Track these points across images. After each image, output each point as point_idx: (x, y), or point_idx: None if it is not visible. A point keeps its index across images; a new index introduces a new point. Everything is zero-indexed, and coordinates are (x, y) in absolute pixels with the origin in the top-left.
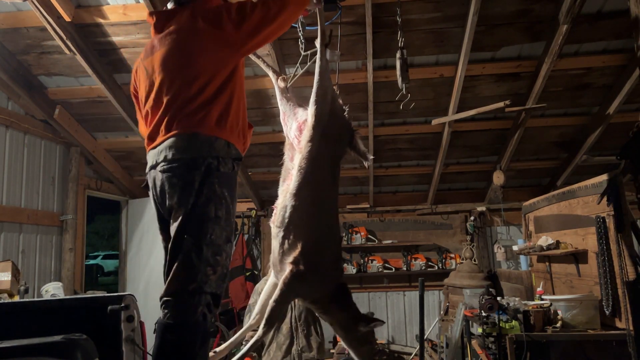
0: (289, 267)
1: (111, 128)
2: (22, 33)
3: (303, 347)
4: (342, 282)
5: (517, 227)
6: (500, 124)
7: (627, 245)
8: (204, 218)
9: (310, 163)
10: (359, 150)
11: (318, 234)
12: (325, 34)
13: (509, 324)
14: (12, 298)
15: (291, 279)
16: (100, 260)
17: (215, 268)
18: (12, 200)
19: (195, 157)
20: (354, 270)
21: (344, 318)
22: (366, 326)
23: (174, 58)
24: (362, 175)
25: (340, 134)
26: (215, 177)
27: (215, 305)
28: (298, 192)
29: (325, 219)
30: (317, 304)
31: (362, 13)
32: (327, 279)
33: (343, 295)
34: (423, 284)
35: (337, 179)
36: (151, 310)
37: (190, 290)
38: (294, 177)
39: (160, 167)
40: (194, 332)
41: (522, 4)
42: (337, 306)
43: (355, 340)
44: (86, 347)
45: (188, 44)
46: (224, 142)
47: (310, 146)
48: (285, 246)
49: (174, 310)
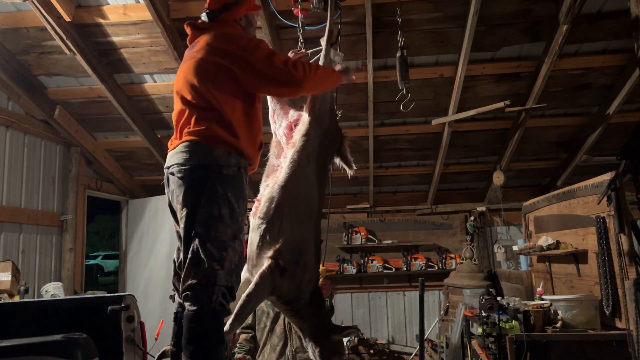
0: (267, 262)
1: (111, 128)
2: (22, 33)
3: (297, 347)
4: (318, 287)
5: (517, 227)
6: (500, 124)
7: (627, 246)
8: (207, 217)
9: (303, 157)
10: (346, 158)
11: (302, 231)
12: (332, 33)
13: (509, 324)
14: (13, 298)
15: (269, 273)
16: (100, 261)
17: (221, 263)
18: (12, 200)
19: (197, 163)
20: (354, 270)
21: (317, 325)
22: (339, 335)
23: (191, 75)
24: (362, 175)
25: (332, 137)
26: (216, 179)
27: (231, 296)
28: (287, 185)
29: (310, 218)
30: (290, 306)
31: (362, 13)
32: (306, 279)
33: (317, 301)
34: (423, 284)
35: (324, 180)
36: (151, 310)
37: (203, 284)
38: (284, 169)
39: (172, 169)
40: (213, 320)
41: (522, 4)
42: (310, 311)
43: (325, 349)
44: (86, 346)
45: (208, 65)
46: (222, 150)
47: (305, 141)
48: (266, 239)
49: (192, 300)
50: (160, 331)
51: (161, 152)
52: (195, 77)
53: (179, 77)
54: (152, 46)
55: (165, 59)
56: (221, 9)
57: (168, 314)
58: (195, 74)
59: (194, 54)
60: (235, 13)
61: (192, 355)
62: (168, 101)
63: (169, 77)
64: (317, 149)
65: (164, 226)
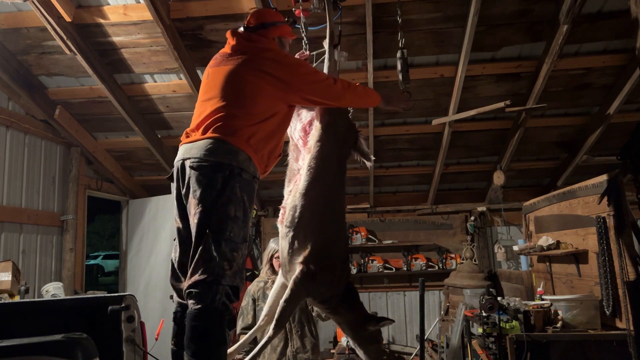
0: (299, 267)
1: (111, 128)
2: (23, 33)
3: (298, 348)
4: (350, 282)
5: (518, 227)
6: (500, 124)
7: (628, 246)
8: (224, 216)
9: (320, 163)
10: (363, 151)
11: (327, 233)
12: (334, 34)
13: (509, 324)
14: (13, 298)
15: (302, 279)
16: (100, 261)
17: (231, 263)
18: (12, 201)
19: (222, 161)
20: (354, 270)
21: (353, 318)
22: (375, 325)
23: (231, 80)
24: (362, 175)
25: (346, 135)
26: (237, 181)
27: (235, 296)
28: (307, 192)
29: (334, 219)
30: (326, 304)
31: (362, 13)
32: (337, 278)
33: (351, 295)
34: (423, 284)
35: (343, 179)
36: (151, 310)
37: (209, 281)
38: (303, 177)
39: (190, 162)
40: (216, 319)
41: (522, 4)
42: (345, 306)
43: (363, 340)
44: (86, 346)
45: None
46: (247, 156)
47: (320, 146)
48: (295, 246)
49: (196, 299)
50: (161, 331)
51: (161, 152)
52: (235, 80)
53: (215, 76)
54: (153, 46)
55: (165, 59)
56: (257, 26)
57: (168, 314)
58: (236, 79)
59: (237, 60)
60: (270, 32)
61: (194, 354)
62: (168, 101)
63: (169, 77)
64: (332, 152)
65: (164, 226)
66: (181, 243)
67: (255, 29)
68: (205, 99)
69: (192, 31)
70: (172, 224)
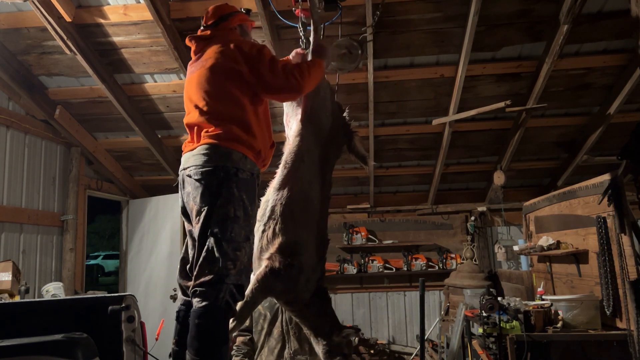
0: (264, 263)
1: (112, 128)
2: (23, 33)
3: (295, 349)
4: (322, 287)
5: (518, 227)
6: (500, 124)
7: (628, 246)
8: (224, 217)
9: (297, 158)
10: (358, 153)
11: (298, 232)
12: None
13: (509, 324)
14: (13, 298)
15: (264, 276)
16: (100, 261)
17: (235, 262)
18: (12, 201)
19: (216, 165)
20: (354, 270)
21: (318, 325)
22: (339, 335)
23: (204, 85)
24: (362, 175)
25: (335, 135)
26: (233, 181)
27: (240, 295)
28: (280, 187)
29: (309, 218)
30: (290, 306)
31: (362, 13)
32: (303, 280)
33: (321, 301)
34: (424, 284)
35: (326, 178)
36: (151, 310)
37: (213, 281)
38: (279, 172)
39: (188, 171)
40: (219, 318)
41: (522, 4)
42: (313, 311)
43: (327, 350)
44: (86, 346)
45: (220, 70)
46: (240, 154)
47: (298, 141)
48: (264, 241)
49: (201, 297)
50: (161, 331)
51: (161, 152)
52: (209, 82)
53: (190, 85)
54: (153, 46)
55: (165, 59)
56: (217, 21)
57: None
58: (209, 80)
59: (203, 62)
60: (231, 22)
61: (197, 352)
62: (168, 101)
63: (169, 77)
64: (313, 148)
65: (164, 226)
66: (192, 245)
67: (216, 23)
68: (189, 111)
69: (192, 31)
70: (172, 225)
